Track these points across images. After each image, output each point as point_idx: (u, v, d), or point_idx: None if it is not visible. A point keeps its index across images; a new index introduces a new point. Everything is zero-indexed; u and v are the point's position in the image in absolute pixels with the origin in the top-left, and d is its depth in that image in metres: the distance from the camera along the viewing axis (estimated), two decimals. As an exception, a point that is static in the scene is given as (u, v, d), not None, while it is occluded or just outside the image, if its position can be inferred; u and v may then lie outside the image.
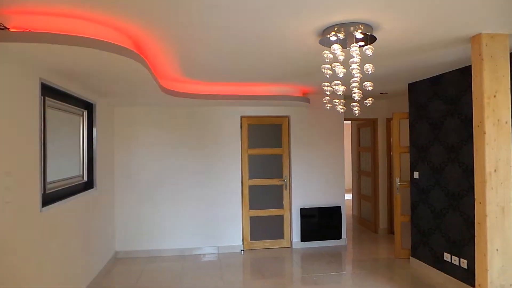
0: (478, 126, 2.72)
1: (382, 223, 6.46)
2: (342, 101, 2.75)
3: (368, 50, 2.41)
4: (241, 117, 5.57)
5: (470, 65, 3.71)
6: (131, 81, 3.43)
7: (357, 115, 2.78)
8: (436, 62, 3.59)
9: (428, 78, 4.38)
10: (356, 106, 2.67)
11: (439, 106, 4.19)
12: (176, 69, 3.77)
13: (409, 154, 4.80)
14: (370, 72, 2.50)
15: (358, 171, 7.32)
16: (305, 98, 5.27)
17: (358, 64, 2.44)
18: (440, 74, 4.16)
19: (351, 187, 7.88)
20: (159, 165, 5.31)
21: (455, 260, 3.94)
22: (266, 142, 5.70)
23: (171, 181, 5.34)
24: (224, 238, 5.45)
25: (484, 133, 2.66)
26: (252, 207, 5.62)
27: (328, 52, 2.51)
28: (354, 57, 2.45)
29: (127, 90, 3.96)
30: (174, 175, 5.34)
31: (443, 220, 4.15)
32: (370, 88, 2.51)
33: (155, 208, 5.30)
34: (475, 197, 2.76)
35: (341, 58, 2.48)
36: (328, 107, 2.78)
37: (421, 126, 4.51)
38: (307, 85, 4.90)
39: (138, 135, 5.28)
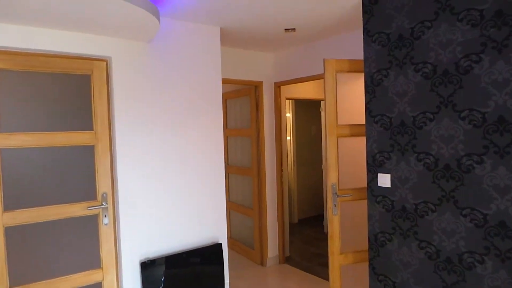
0: None
1: (272, 250, 4.08)
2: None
3: None
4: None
5: None
6: None
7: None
8: None
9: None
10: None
11: (454, 35, 1.95)
12: None
13: (365, 138, 2.49)
14: None
15: (226, 167, 4.73)
16: (152, 7, 2.21)
17: None
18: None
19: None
20: None
21: None
22: (53, 117, 2.38)
23: None
24: None
25: None
26: (15, 282, 2.25)
27: None
28: None
29: None
30: None
31: (465, 276, 1.99)
32: None
33: None
34: None
35: None
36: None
37: (401, 81, 2.22)
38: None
39: None
